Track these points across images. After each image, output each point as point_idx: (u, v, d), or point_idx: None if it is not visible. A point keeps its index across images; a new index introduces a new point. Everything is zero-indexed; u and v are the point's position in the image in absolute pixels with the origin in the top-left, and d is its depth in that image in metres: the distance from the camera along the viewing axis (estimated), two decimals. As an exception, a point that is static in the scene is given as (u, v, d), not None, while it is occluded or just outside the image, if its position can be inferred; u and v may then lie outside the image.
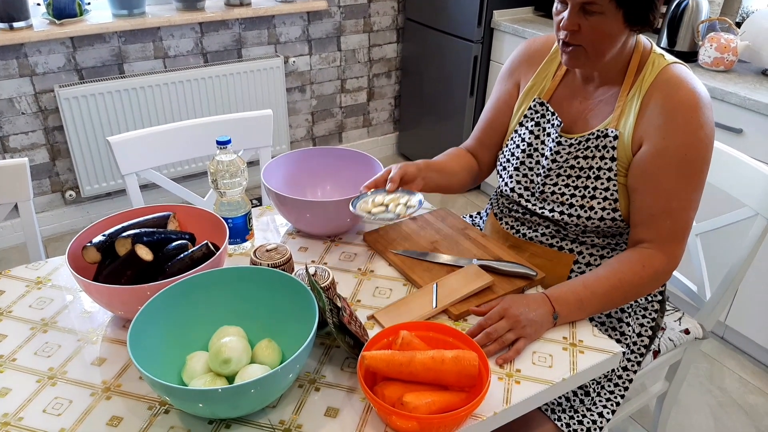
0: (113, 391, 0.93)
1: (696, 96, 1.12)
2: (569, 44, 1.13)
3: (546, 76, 1.30)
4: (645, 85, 1.16)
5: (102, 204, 2.85)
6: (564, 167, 1.24)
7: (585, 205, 1.22)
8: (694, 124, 1.11)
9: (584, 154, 1.22)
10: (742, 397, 2.02)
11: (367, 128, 3.53)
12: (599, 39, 1.11)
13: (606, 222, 1.22)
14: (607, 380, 1.24)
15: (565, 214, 1.24)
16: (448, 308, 1.09)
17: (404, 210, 1.15)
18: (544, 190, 1.27)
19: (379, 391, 0.89)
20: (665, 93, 1.13)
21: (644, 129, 1.15)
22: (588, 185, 1.22)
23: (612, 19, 1.08)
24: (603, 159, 1.19)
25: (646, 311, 1.34)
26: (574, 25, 1.10)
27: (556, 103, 1.28)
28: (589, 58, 1.14)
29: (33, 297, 1.13)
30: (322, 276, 1.05)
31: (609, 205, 1.20)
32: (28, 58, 2.43)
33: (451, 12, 2.90)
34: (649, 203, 1.16)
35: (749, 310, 2.09)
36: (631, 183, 1.18)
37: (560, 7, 1.13)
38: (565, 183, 1.24)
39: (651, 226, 1.17)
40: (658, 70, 1.16)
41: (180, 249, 1.08)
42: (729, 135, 2.00)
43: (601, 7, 1.07)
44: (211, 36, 2.79)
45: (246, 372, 0.90)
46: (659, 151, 1.13)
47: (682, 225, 1.16)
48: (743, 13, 2.44)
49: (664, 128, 1.12)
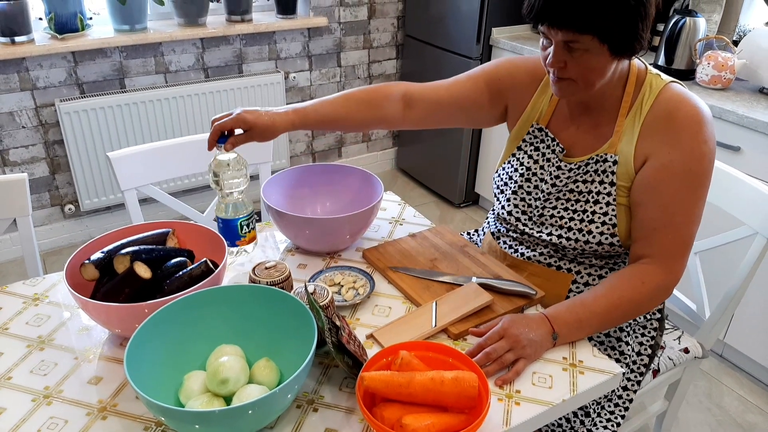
0: (109, 411, 0.92)
1: (699, 112, 1.13)
2: (559, 78, 1.13)
3: (542, 101, 1.30)
4: (645, 106, 1.16)
5: (101, 218, 2.85)
6: (564, 191, 1.24)
7: (583, 228, 1.22)
8: (699, 139, 1.11)
9: (583, 178, 1.22)
10: (741, 416, 2.01)
11: (367, 143, 3.54)
12: (587, 73, 1.10)
13: (604, 246, 1.22)
14: (607, 400, 1.24)
15: (563, 237, 1.24)
16: (448, 327, 1.09)
17: (353, 295, 1.17)
18: (543, 213, 1.27)
19: (378, 412, 0.88)
20: (669, 110, 1.14)
21: (648, 147, 1.15)
22: (587, 209, 1.21)
23: (597, 53, 1.07)
24: (602, 183, 1.20)
25: (645, 329, 1.33)
26: (560, 62, 1.09)
27: (555, 128, 1.28)
28: (580, 89, 1.13)
29: (30, 314, 1.12)
30: (321, 294, 1.04)
31: (607, 230, 1.20)
32: (29, 72, 2.44)
33: (450, 29, 2.92)
34: (653, 216, 1.15)
35: (748, 328, 2.09)
36: (635, 197, 1.18)
37: (546, 42, 1.12)
38: (564, 207, 1.24)
39: (653, 240, 1.16)
40: (658, 90, 1.16)
41: (179, 266, 1.08)
42: (727, 153, 2.01)
43: (584, 44, 1.05)
44: (212, 51, 2.80)
45: (244, 392, 0.89)
46: (665, 164, 1.13)
47: (685, 240, 1.15)
48: (740, 31, 2.46)
49: (668, 144, 1.12)
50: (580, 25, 1.03)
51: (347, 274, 1.23)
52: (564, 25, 1.04)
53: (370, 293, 1.17)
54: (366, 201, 1.38)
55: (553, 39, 1.08)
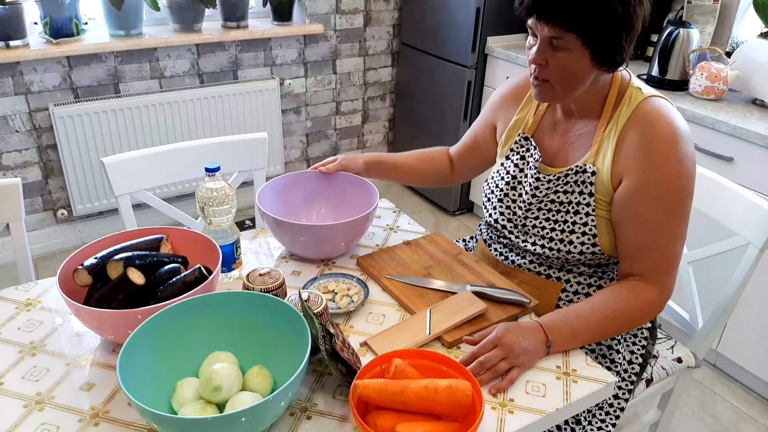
0: (101, 418, 0.92)
1: (674, 129, 1.12)
2: (538, 78, 1.15)
3: (529, 110, 1.32)
4: (621, 120, 1.16)
5: (94, 223, 2.84)
6: (544, 201, 1.25)
7: (564, 239, 1.22)
8: (674, 159, 1.11)
9: (564, 189, 1.22)
10: (734, 426, 2.01)
11: (362, 150, 3.54)
12: (566, 76, 1.12)
13: (586, 255, 1.23)
14: (599, 408, 1.24)
15: (546, 247, 1.25)
16: (442, 335, 1.09)
17: (347, 303, 1.17)
18: (526, 223, 1.28)
19: (372, 420, 0.88)
20: (642, 128, 1.14)
21: (623, 165, 1.15)
22: (567, 220, 1.22)
23: (579, 56, 1.09)
24: (582, 194, 1.20)
25: (636, 338, 1.33)
26: (542, 59, 1.11)
27: (539, 137, 1.29)
28: (557, 94, 1.15)
29: (22, 319, 1.12)
30: (315, 302, 1.04)
31: (588, 240, 1.21)
32: (23, 76, 2.44)
33: (445, 37, 2.93)
34: (634, 238, 1.17)
35: (741, 337, 2.10)
36: (615, 218, 1.19)
37: (532, 40, 1.15)
38: (546, 217, 1.25)
39: (639, 260, 1.17)
40: (635, 104, 1.16)
41: (172, 273, 1.07)
42: (720, 163, 2.02)
43: (567, 44, 1.08)
44: (207, 57, 2.81)
45: (237, 400, 0.89)
46: (640, 186, 1.13)
47: (670, 258, 1.16)
48: (733, 42, 2.48)
49: (643, 164, 1.13)
50: (567, 21, 1.06)
51: (341, 282, 1.23)
52: (551, 18, 1.07)
53: (364, 301, 1.17)
54: (361, 208, 1.38)
55: (539, 35, 1.11)
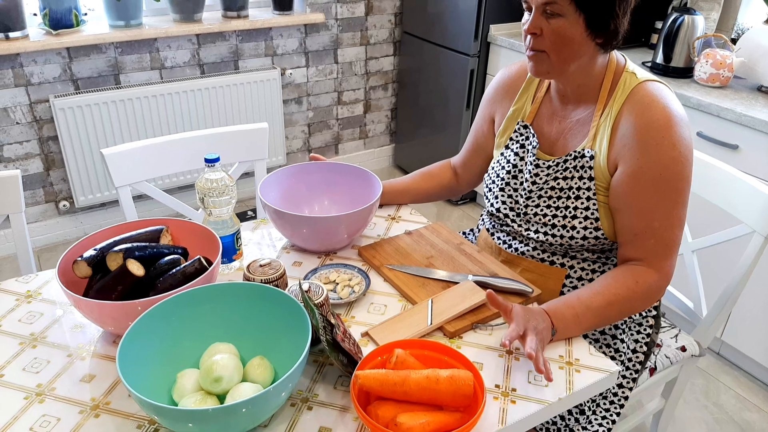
0: (102, 409, 0.91)
1: (668, 114, 1.11)
2: (533, 50, 1.14)
3: (526, 99, 1.31)
4: (616, 105, 1.16)
5: (95, 214, 2.84)
6: (545, 188, 1.24)
7: (567, 225, 1.22)
8: (667, 144, 1.10)
9: (563, 175, 1.22)
10: (738, 414, 2.01)
11: (364, 140, 3.53)
12: (561, 43, 1.11)
13: (589, 240, 1.22)
14: (603, 398, 1.23)
15: (549, 234, 1.24)
16: (444, 325, 1.08)
17: (348, 293, 1.16)
18: (527, 211, 1.27)
19: (373, 410, 0.88)
20: (637, 113, 1.13)
21: (618, 150, 1.15)
22: (569, 205, 1.21)
23: (573, 22, 1.09)
24: (582, 179, 1.19)
25: (641, 327, 1.33)
26: (537, 28, 1.11)
27: (538, 125, 1.28)
28: (553, 66, 1.14)
29: (23, 311, 1.11)
30: (316, 292, 1.03)
31: (590, 224, 1.20)
32: (23, 68, 2.43)
33: (447, 26, 2.91)
34: (631, 223, 1.16)
35: (745, 325, 2.09)
36: (612, 204, 1.18)
37: (527, 15, 1.14)
38: (547, 204, 1.24)
39: (636, 245, 1.16)
40: (630, 89, 1.15)
41: (172, 264, 1.07)
42: (725, 151, 2.01)
43: (561, 8, 1.08)
44: (208, 47, 2.79)
45: (237, 391, 0.88)
46: (634, 172, 1.13)
47: (668, 243, 1.15)
48: (738, 29, 2.45)
49: (637, 149, 1.12)
50: None
51: (342, 272, 1.22)
52: None
53: (365, 291, 1.17)
54: (364, 199, 1.37)
55: (533, 4, 1.10)
